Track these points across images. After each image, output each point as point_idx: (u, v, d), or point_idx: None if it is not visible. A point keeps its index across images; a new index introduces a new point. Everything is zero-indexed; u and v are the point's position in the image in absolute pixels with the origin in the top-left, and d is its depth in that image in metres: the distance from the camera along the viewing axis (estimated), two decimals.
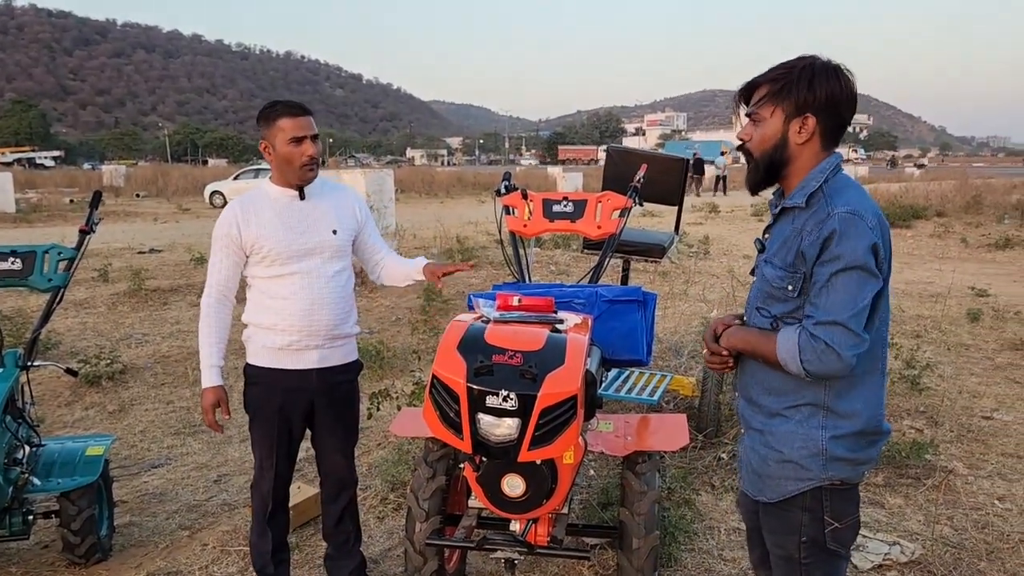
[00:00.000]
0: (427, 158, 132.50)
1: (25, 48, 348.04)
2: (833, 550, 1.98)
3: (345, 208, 3.02)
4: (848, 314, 1.78)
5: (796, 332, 1.86)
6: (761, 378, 2.01)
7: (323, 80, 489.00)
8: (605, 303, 3.24)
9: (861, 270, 1.79)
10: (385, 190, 11.19)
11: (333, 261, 2.94)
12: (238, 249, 2.85)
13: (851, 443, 1.91)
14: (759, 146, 1.97)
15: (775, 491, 2.00)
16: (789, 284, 1.90)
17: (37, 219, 21.86)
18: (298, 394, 2.94)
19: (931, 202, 19.88)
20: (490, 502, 2.59)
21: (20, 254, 3.58)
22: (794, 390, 1.94)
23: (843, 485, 1.94)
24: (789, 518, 1.99)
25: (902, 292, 10.32)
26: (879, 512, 3.94)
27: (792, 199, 1.95)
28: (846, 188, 1.90)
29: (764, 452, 2.01)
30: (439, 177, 43.60)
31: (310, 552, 3.62)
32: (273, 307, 2.87)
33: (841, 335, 1.79)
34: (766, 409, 2.01)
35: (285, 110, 2.79)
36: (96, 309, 9.06)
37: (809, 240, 1.85)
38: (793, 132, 1.92)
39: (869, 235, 1.80)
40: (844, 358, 1.79)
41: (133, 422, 5.59)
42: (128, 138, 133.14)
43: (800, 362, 1.83)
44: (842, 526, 1.96)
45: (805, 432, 1.93)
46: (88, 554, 3.51)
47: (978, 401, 5.67)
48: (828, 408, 1.91)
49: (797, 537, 1.98)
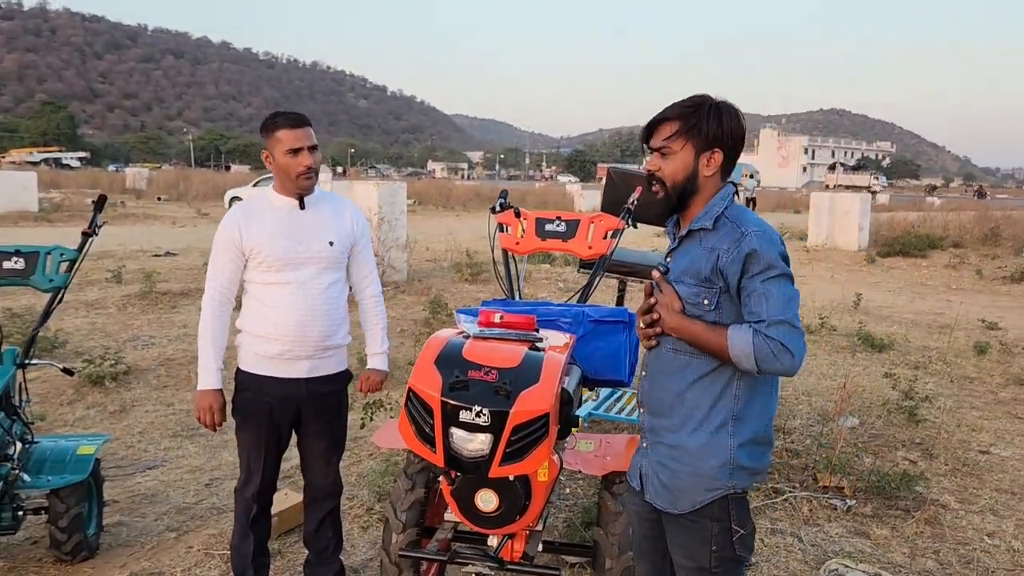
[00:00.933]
0: (447, 171, 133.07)
1: (57, 51, 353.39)
2: (740, 556, 2.10)
3: (343, 220, 3.08)
4: (791, 313, 1.93)
5: (750, 334, 1.92)
6: (676, 392, 2.09)
7: (348, 91, 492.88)
8: (591, 323, 3.26)
9: (787, 276, 1.97)
10: (397, 202, 11.29)
11: (327, 272, 2.99)
12: (239, 253, 2.92)
13: (750, 450, 2.05)
14: (671, 177, 2.09)
15: (688, 501, 2.08)
16: (705, 299, 2.03)
17: (58, 219, 22.16)
18: (287, 402, 2.99)
19: (948, 232, 19.75)
20: (464, 516, 2.62)
21: (24, 254, 3.67)
22: (709, 404, 2.05)
23: (742, 494, 2.09)
24: (700, 529, 2.08)
25: (910, 322, 10.26)
26: (864, 543, 3.93)
27: (699, 222, 2.09)
28: (746, 212, 2.09)
29: (675, 467, 2.09)
30: (457, 190, 43.80)
31: (292, 559, 3.65)
32: (267, 316, 2.92)
33: (789, 333, 1.90)
34: (678, 423, 2.09)
35: (284, 121, 2.87)
36: (106, 310, 9.17)
37: (728, 258, 1.98)
38: (703, 165, 2.07)
39: (780, 247, 2.00)
40: (795, 355, 1.90)
41: (133, 423, 5.66)
42: (153, 142, 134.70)
43: (755, 361, 1.91)
44: (746, 532, 2.09)
45: (716, 442, 2.04)
46: (75, 551, 3.56)
47: (976, 435, 5.63)
48: (737, 418, 2.04)
49: (708, 548, 2.08)
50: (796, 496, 4.34)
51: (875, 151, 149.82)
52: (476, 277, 11.68)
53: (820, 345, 8.34)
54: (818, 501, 4.32)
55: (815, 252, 18.04)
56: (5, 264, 3.64)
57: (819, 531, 4.04)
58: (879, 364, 7.28)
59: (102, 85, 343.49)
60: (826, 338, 8.63)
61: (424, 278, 11.69)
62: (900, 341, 8.70)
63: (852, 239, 18.46)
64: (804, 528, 4.05)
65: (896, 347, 8.37)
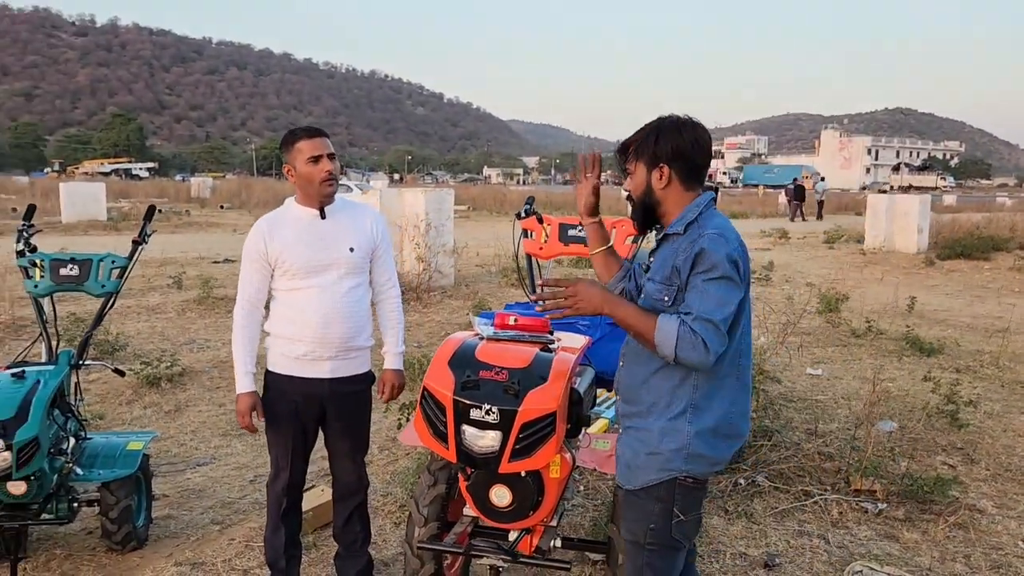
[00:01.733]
0: (503, 177, 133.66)
1: (127, 64, 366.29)
2: (676, 540, 2.27)
3: (363, 227, 3.21)
4: (720, 316, 2.09)
5: (677, 323, 2.08)
6: (643, 379, 2.26)
7: (405, 99, 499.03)
8: (608, 325, 3.35)
9: (729, 280, 2.12)
10: (444, 208, 11.47)
11: (349, 277, 3.13)
12: (265, 263, 3.08)
13: (709, 440, 2.20)
14: (634, 193, 2.33)
15: (636, 479, 2.26)
16: (665, 295, 2.21)
17: (125, 227, 23.02)
18: (311, 401, 3.14)
19: (1015, 233, 19.11)
20: (480, 511, 2.74)
21: (78, 261, 3.91)
22: (670, 390, 2.20)
23: (695, 483, 2.24)
24: (643, 506, 2.26)
25: (966, 326, 10.02)
26: (892, 546, 3.91)
27: (672, 227, 2.26)
28: (714, 216, 2.25)
29: (634, 445, 2.28)
30: (511, 196, 44.01)
31: (325, 551, 3.80)
32: (291, 318, 3.08)
33: (712, 332, 2.08)
34: (644, 407, 2.26)
35: (303, 133, 3.04)
36: (166, 314, 9.57)
37: (683, 257, 2.15)
38: (655, 180, 2.28)
39: (732, 252, 2.14)
40: (710, 351, 2.07)
41: (186, 422, 5.93)
42: (218, 151, 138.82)
43: (674, 347, 2.08)
44: (687, 519, 2.25)
45: (675, 427, 2.19)
46: (124, 541, 3.78)
47: (1022, 440, 5.51)
48: (695, 407, 2.18)
49: (646, 525, 2.25)
50: (827, 499, 4.34)
51: (943, 150, 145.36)
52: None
53: (865, 349, 8.22)
54: (849, 504, 4.31)
55: (872, 255, 17.66)
56: (61, 271, 3.89)
57: (847, 534, 4.03)
58: (925, 368, 7.15)
59: (169, 97, 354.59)
60: (872, 342, 8.50)
61: (471, 283, 11.87)
62: (951, 345, 8.52)
63: (911, 241, 18.01)
64: (832, 530, 4.06)
65: (946, 351, 8.20)
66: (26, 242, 3.94)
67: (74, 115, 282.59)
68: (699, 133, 2.25)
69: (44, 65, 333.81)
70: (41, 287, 3.86)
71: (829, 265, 16.32)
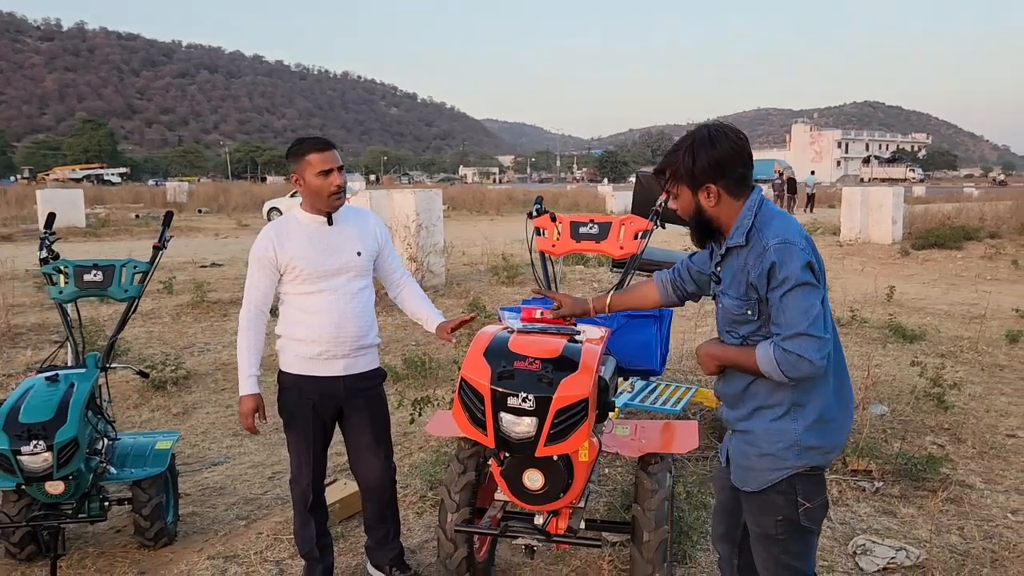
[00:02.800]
0: (479, 176, 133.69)
1: (96, 69, 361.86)
2: (806, 526, 2.30)
3: (367, 231, 3.37)
4: (806, 323, 2.11)
5: (771, 347, 2.17)
6: (741, 386, 2.34)
7: (379, 99, 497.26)
8: (624, 317, 3.53)
9: (805, 286, 2.13)
10: (434, 208, 11.61)
11: (357, 279, 3.28)
12: (273, 269, 3.20)
13: (817, 431, 2.24)
14: (684, 214, 2.37)
15: (757, 481, 2.32)
16: (748, 310, 2.26)
17: (105, 233, 22.92)
18: (327, 398, 3.28)
19: (985, 223, 19.59)
20: (512, 494, 2.90)
21: (101, 267, 4.02)
22: (768, 394, 2.27)
23: (813, 471, 2.28)
24: (767, 502, 2.31)
25: (944, 313, 10.34)
26: (891, 520, 4.13)
27: (733, 239, 2.29)
28: (772, 219, 2.25)
29: (746, 449, 2.34)
30: (490, 195, 44.14)
31: (354, 541, 3.95)
32: (304, 321, 3.21)
33: (807, 344, 2.11)
34: (746, 412, 2.33)
35: (312, 146, 3.14)
36: (161, 319, 9.62)
37: (755, 273, 2.19)
38: (703, 200, 2.28)
39: (802, 255, 2.15)
40: (815, 362, 2.12)
41: (195, 423, 6.03)
42: (191, 155, 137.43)
43: (781, 372, 2.15)
44: (812, 506, 2.29)
45: (781, 427, 2.26)
46: (156, 537, 3.90)
47: (1005, 420, 5.77)
48: (797, 404, 2.24)
49: (774, 517, 2.31)
50: (826, 479, 4.54)
51: (911, 143, 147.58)
52: (512, 280, 11.98)
53: (851, 337, 8.48)
54: (847, 483, 4.53)
55: (848, 247, 18.03)
56: (86, 277, 4.00)
57: (848, 511, 4.25)
58: (909, 354, 7.42)
59: (140, 101, 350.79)
60: (857, 330, 8.77)
61: (462, 282, 12.01)
62: (931, 332, 8.81)
63: (886, 232, 18.41)
64: (833, 508, 4.26)
65: (927, 338, 8.49)
66: (48, 249, 4.04)
67: (42, 121, 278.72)
68: (735, 140, 2.23)
69: (9, 71, 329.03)
70: (66, 293, 3.97)
71: None
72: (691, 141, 2.25)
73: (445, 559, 3.27)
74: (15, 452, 3.28)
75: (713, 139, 2.23)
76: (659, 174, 2.37)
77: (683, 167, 2.25)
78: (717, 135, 2.23)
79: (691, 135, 2.28)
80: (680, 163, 2.25)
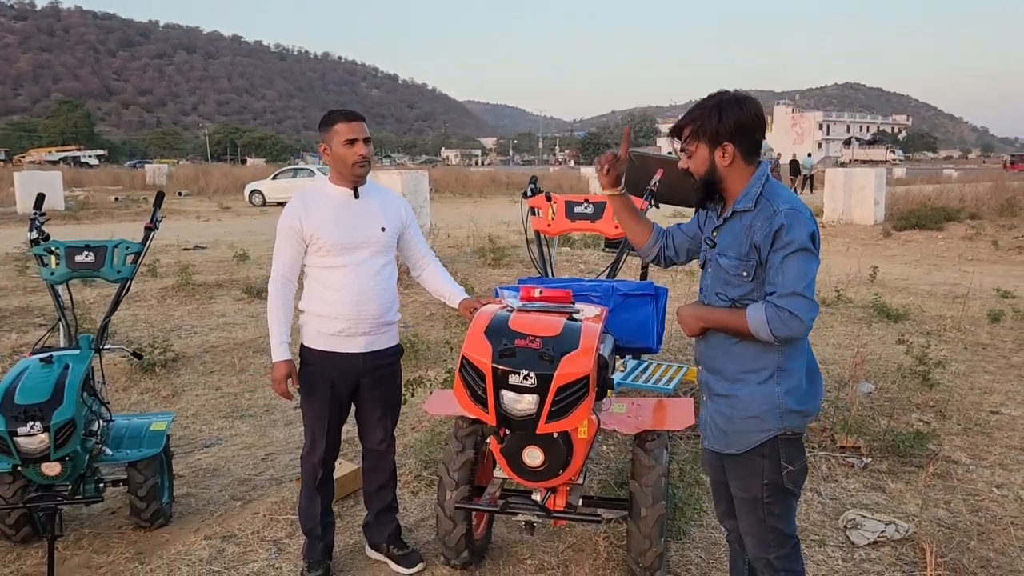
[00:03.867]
0: (461, 158, 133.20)
1: (71, 49, 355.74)
2: (788, 489, 2.39)
3: (392, 208, 3.40)
4: (803, 285, 2.20)
5: (762, 306, 2.24)
6: (725, 349, 2.39)
7: (360, 80, 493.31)
8: (620, 296, 3.56)
9: (807, 251, 2.22)
10: (420, 190, 11.60)
11: (380, 255, 3.31)
12: (299, 239, 3.23)
13: (798, 396, 2.33)
14: (696, 172, 2.41)
15: (741, 443, 2.39)
16: (744, 271, 2.32)
17: (85, 216, 22.69)
18: (348, 375, 3.32)
19: (965, 204, 19.79)
20: (512, 471, 2.92)
21: (93, 248, 3.99)
22: (753, 357, 2.34)
23: (793, 435, 2.37)
24: (753, 465, 2.39)
25: (926, 293, 10.47)
26: (879, 496, 4.20)
27: (741, 203, 2.35)
28: (780, 190, 2.35)
29: (729, 412, 2.40)
30: (473, 177, 44.04)
31: (350, 520, 3.98)
32: (327, 297, 3.24)
33: (800, 303, 2.19)
34: (730, 376, 2.39)
35: (341, 116, 3.20)
36: (147, 302, 9.55)
37: (762, 234, 2.26)
38: (719, 158, 2.34)
39: (809, 224, 2.25)
40: (805, 321, 2.20)
41: (185, 406, 6.02)
42: (170, 137, 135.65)
43: (770, 330, 2.22)
44: (795, 468, 2.38)
45: (765, 391, 2.33)
46: (152, 518, 3.90)
47: (988, 397, 5.87)
48: (781, 368, 2.32)
49: (760, 480, 2.38)
50: (815, 456, 4.62)
51: (891, 124, 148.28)
52: (499, 262, 11.98)
53: (836, 317, 8.58)
54: (836, 460, 4.60)
55: (831, 228, 18.16)
56: (77, 258, 3.97)
57: (837, 487, 4.32)
58: (894, 333, 7.52)
59: (117, 82, 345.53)
60: (842, 310, 8.87)
61: (449, 264, 11.99)
62: (915, 311, 8.92)
63: (868, 214, 18.57)
64: (823, 484, 4.33)
65: (911, 317, 8.60)
66: (39, 230, 4.00)
67: (17, 102, 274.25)
68: (757, 107, 2.33)
69: None
70: (57, 274, 3.94)
71: None
72: (718, 100, 2.32)
73: (444, 536, 3.30)
74: (11, 433, 3.26)
75: (740, 102, 2.31)
76: (675, 132, 2.43)
77: (708, 123, 2.31)
78: (744, 99, 2.32)
79: (716, 96, 2.34)
80: (705, 119, 2.32)
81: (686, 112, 2.40)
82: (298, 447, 5.06)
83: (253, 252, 13.37)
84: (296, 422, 5.57)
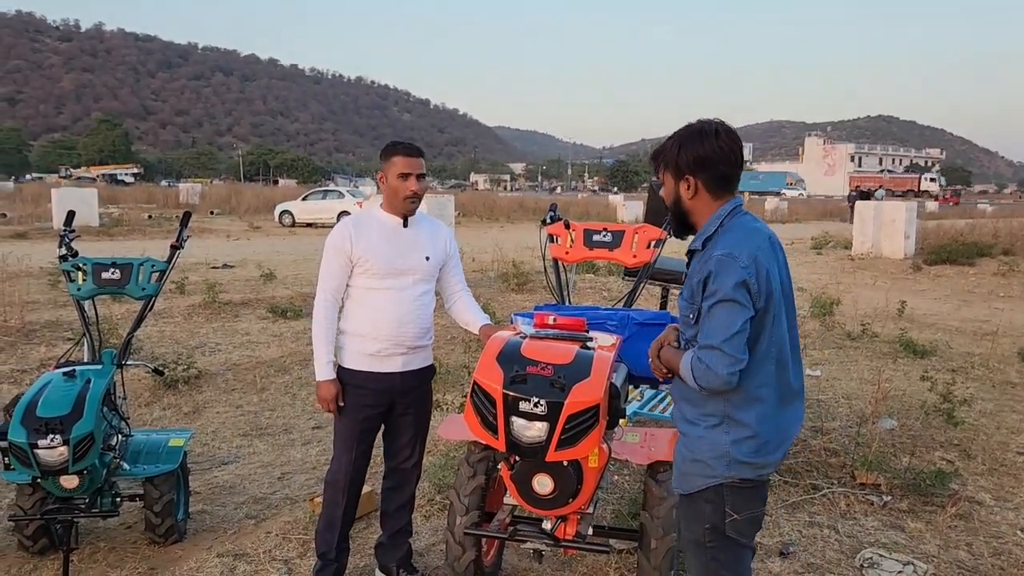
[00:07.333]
0: (490, 183, 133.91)
1: (112, 70, 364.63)
2: (733, 538, 2.31)
3: (438, 240, 3.49)
4: (721, 339, 2.12)
5: (690, 355, 2.22)
6: (682, 391, 2.37)
7: (392, 104, 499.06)
8: (636, 325, 3.55)
9: (732, 302, 2.13)
10: (446, 215, 11.70)
11: (421, 283, 3.39)
12: (347, 260, 3.31)
13: (749, 447, 2.24)
14: (667, 202, 2.39)
15: (687, 485, 2.35)
16: (690, 313, 2.28)
17: (118, 232, 23.08)
18: (383, 394, 3.38)
19: (998, 239, 19.50)
20: (522, 499, 2.92)
21: (119, 265, 4.07)
22: (702, 403, 2.29)
23: (745, 484, 2.27)
24: (696, 508, 2.34)
25: (955, 329, 10.31)
26: (899, 535, 4.13)
27: (694, 244, 2.34)
28: (731, 232, 2.25)
29: (684, 452, 2.37)
30: (500, 202, 44.23)
31: (362, 542, 3.98)
32: (367, 318, 3.32)
33: (717, 357, 2.13)
34: (686, 417, 2.36)
35: (402, 149, 3.30)
36: (173, 319, 9.68)
37: (696, 279, 2.23)
38: (683, 191, 2.32)
39: (740, 273, 2.14)
40: (721, 376, 2.13)
41: (206, 423, 6.07)
42: (204, 157, 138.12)
43: (693, 379, 2.19)
44: (741, 518, 2.29)
45: (712, 437, 2.27)
46: (167, 534, 3.94)
47: (1016, 437, 5.75)
48: (729, 417, 2.24)
49: (702, 525, 2.32)
50: (834, 492, 4.55)
51: (924, 157, 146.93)
52: (522, 287, 12.00)
53: (861, 351, 8.47)
54: (855, 497, 4.53)
55: (860, 260, 17.99)
56: (104, 275, 4.05)
57: (855, 524, 4.25)
58: (920, 370, 7.40)
59: (155, 102, 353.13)
60: (867, 344, 8.76)
61: (472, 287, 12.02)
62: (943, 348, 8.78)
63: (898, 247, 18.36)
64: (841, 521, 4.27)
65: (938, 353, 8.47)
66: (68, 246, 4.09)
67: (58, 120, 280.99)
68: (724, 140, 2.24)
69: (28, 70, 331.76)
70: (84, 290, 4.02)
71: (819, 271, 16.64)
72: (681, 132, 2.31)
73: (453, 562, 3.29)
74: (32, 445, 3.33)
75: (703, 134, 2.26)
76: (654, 158, 2.42)
77: (668, 155, 2.31)
78: (707, 131, 2.26)
79: (684, 127, 2.32)
80: (668, 151, 2.32)
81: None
82: (314, 467, 5.10)
83: (280, 272, 13.51)
84: (313, 442, 5.60)
